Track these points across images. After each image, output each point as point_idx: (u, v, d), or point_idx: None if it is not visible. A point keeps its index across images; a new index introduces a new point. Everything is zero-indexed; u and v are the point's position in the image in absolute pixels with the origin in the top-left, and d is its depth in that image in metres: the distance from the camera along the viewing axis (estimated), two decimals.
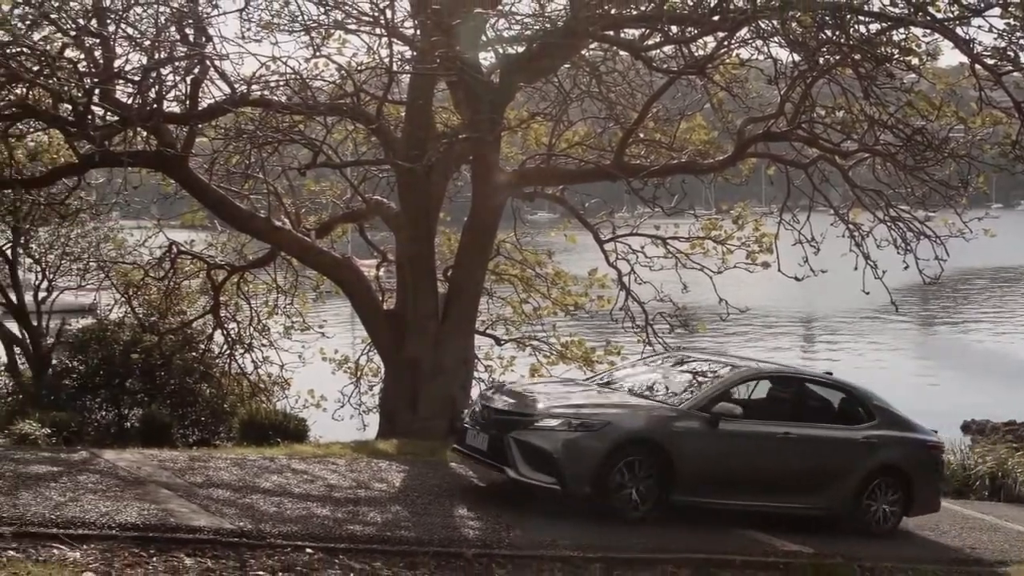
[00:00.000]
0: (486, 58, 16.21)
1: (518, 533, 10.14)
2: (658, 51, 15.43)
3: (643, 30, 14.97)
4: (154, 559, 7.89)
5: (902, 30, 13.52)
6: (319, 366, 21.12)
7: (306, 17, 14.92)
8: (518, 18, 15.46)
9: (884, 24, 13.43)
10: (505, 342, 20.14)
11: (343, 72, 15.46)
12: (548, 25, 14.61)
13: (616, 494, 10.77)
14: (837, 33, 13.32)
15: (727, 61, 15.80)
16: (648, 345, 17.86)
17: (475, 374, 17.91)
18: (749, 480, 11.71)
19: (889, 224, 15.41)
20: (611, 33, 14.95)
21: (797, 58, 14.05)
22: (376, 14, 15.21)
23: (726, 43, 14.48)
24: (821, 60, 13.76)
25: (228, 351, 20.18)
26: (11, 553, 7.51)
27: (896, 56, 13.46)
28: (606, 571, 9.46)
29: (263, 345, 20.57)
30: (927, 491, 12.87)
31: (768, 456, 11.80)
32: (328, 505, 10.38)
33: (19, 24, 13.76)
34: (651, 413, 11.58)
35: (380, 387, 18.00)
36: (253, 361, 20.39)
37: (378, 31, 15.42)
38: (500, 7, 14.71)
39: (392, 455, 13.40)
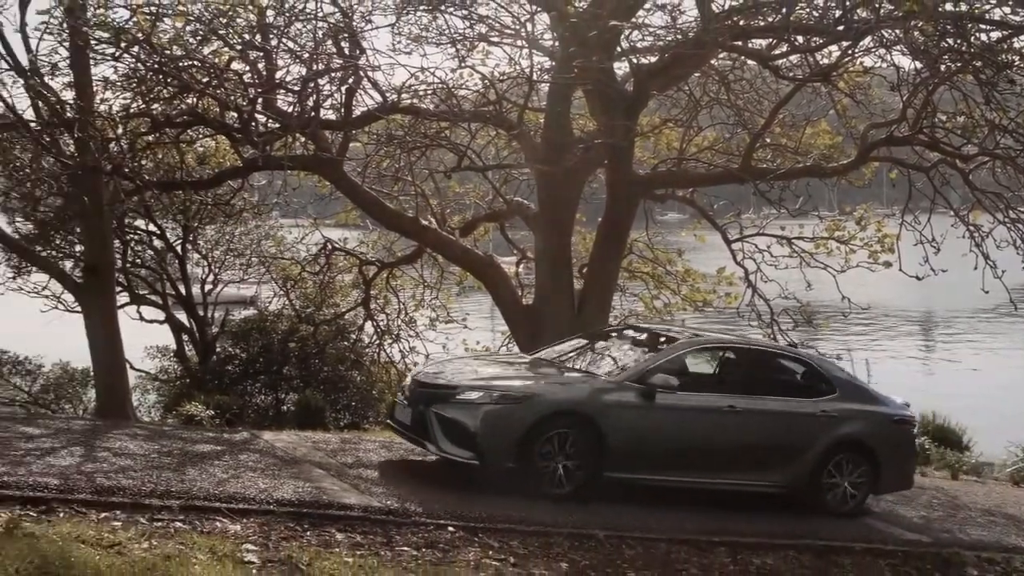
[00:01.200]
0: (620, 68, 16.15)
1: (632, 519, 9.98)
2: (784, 60, 15.31)
3: (770, 40, 14.84)
4: (308, 533, 8.02)
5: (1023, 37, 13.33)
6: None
7: (452, 31, 15.17)
8: (651, 30, 15.34)
9: (1005, 32, 13.24)
10: None
11: (486, 81, 15.58)
12: (679, 36, 14.44)
13: (540, 470, 10.01)
14: (958, 41, 13.10)
15: (851, 69, 15.54)
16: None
17: None
18: (692, 455, 10.80)
19: (1009, 225, 15.01)
20: (739, 43, 14.80)
21: (919, 65, 13.82)
22: (517, 27, 15.55)
23: (850, 52, 14.36)
24: (943, 67, 13.50)
25: (377, 341, 20.50)
26: (178, 524, 7.65)
27: (1017, 63, 13.23)
28: (731, 554, 9.33)
29: (410, 336, 20.74)
30: (896, 467, 11.81)
31: (712, 430, 10.93)
32: (467, 487, 10.25)
33: (190, 40, 14.33)
34: (579, 385, 10.84)
35: None
36: (400, 351, 20.60)
37: (519, 43, 15.78)
38: (634, 20, 14.67)
39: None
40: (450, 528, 8.77)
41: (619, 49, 15.18)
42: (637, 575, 8.52)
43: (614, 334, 13.18)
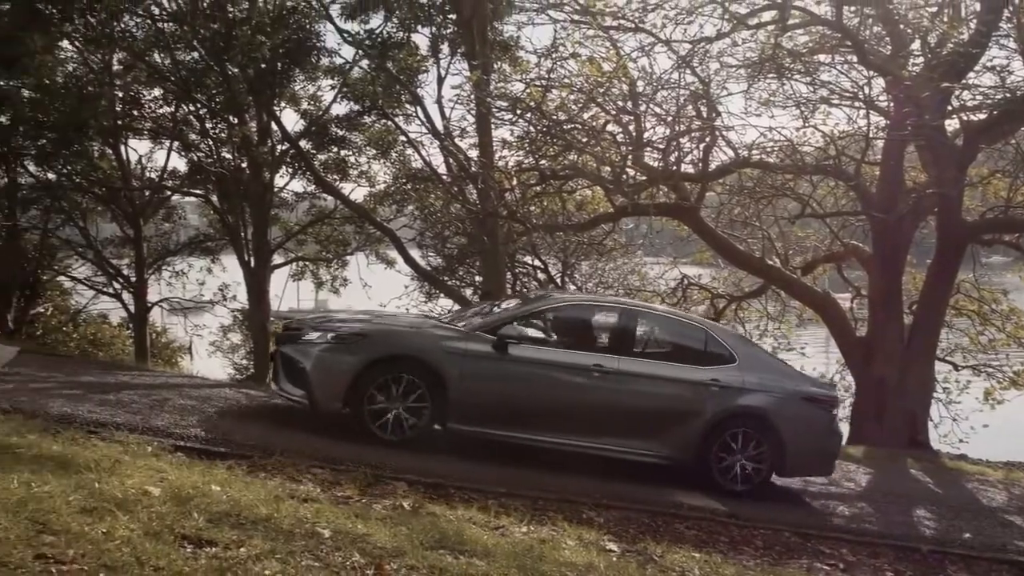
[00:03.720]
0: (951, 124, 15.82)
1: (970, 535, 9.78)
2: None
3: None
4: (660, 529, 8.12)
5: None
6: None
7: (797, 95, 15.67)
8: (981, 89, 14.99)
9: None
10: (962, 368, 19.69)
11: (827, 139, 15.86)
12: (1008, 95, 14.35)
13: (372, 414, 9.08)
14: None
15: None
16: None
17: (933, 395, 17.75)
18: (550, 414, 9.57)
19: None
20: None
21: None
22: (856, 91, 16.01)
23: None
24: None
25: None
26: (551, 514, 7.69)
27: None
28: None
29: None
30: (806, 448, 10.15)
31: (576, 390, 9.60)
32: (803, 498, 10.54)
33: (573, 107, 15.90)
34: (423, 331, 9.83)
35: (851, 401, 17.79)
36: None
37: (857, 105, 16.16)
38: (964, 81, 14.59)
39: (859, 460, 13.46)
40: (785, 533, 8.78)
41: (950, 108, 15.08)
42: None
43: (534, 297, 12.24)
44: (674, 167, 15.74)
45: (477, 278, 22.36)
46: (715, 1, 15.74)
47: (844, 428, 17.34)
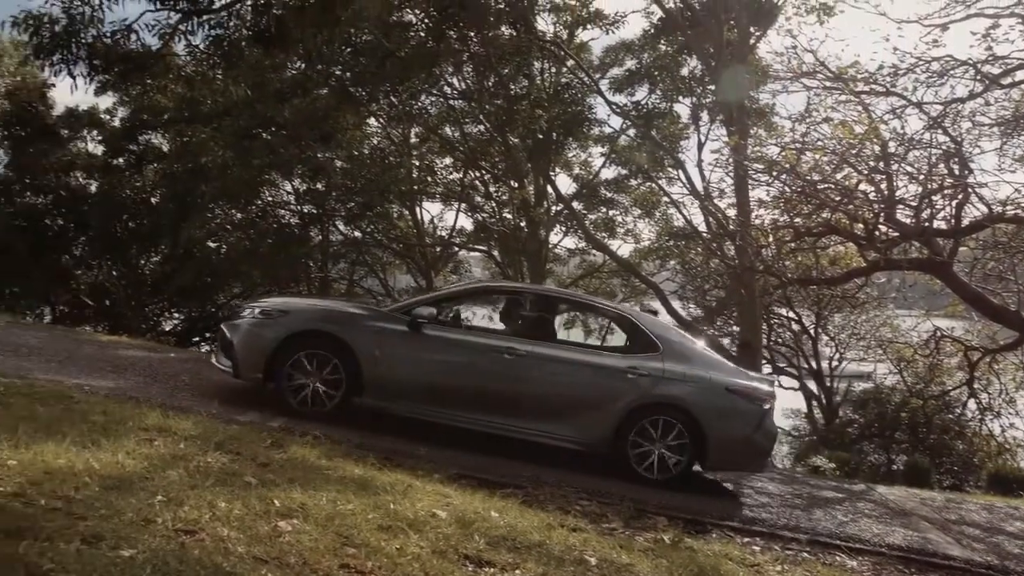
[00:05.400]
0: None
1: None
2: None
3: None
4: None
5: None
6: None
7: None
8: None
9: None
10: None
11: None
12: None
13: (290, 386, 9.17)
14: None
15: None
16: None
17: None
18: (464, 394, 9.40)
19: None
20: None
21: None
22: None
23: None
24: None
25: (979, 416, 20.79)
26: (805, 554, 7.78)
27: None
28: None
29: (1010, 413, 20.72)
30: (731, 443, 9.50)
31: (487, 372, 9.42)
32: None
33: (826, 167, 15.87)
34: (338, 309, 9.88)
35: None
36: (1000, 426, 20.71)
37: None
38: None
39: None
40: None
41: None
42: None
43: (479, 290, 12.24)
44: (926, 223, 15.43)
45: (734, 328, 22.82)
46: (967, 63, 15.55)
47: None
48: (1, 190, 27.84)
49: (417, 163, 27.63)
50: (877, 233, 15.77)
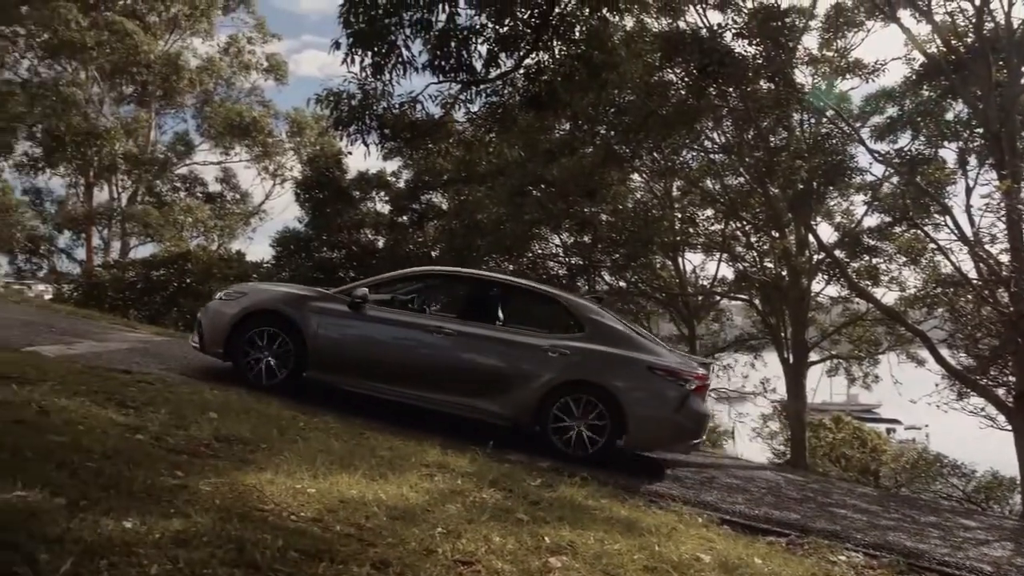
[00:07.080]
0: None
1: None
2: None
3: None
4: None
5: None
6: None
7: None
8: None
9: None
10: None
11: None
12: None
13: (245, 360, 9.89)
14: None
15: None
16: None
17: None
18: (399, 370, 9.84)
19: None
20: None
21: None
22: None
23: None
24: None
25: None
26: None
27: None
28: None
29: None
30: (651, 422, 9.52)
31: (421, 349, 9.85)
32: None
33: None
34: (288, 291, 10.42)
35: None
36: None
37: None
38: None
39: None
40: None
41: None
42: None
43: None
44: None
45: (1010, 378, 21.86)
46: None
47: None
48: (303, 245, 31.06)
49: (679, 215, 28.33)
50: None
